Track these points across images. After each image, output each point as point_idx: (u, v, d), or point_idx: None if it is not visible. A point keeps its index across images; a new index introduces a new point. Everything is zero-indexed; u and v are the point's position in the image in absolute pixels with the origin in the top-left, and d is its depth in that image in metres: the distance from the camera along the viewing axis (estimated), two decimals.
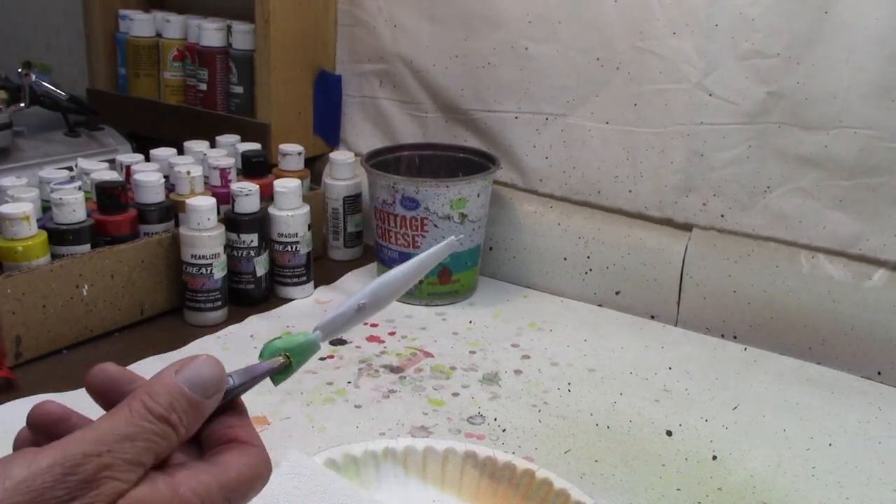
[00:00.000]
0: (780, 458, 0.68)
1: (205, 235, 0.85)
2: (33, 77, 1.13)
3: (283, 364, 0.42)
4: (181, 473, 0.36)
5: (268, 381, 0.42)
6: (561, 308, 0.94)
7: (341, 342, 0.84)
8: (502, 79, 0.98)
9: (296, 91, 1.10)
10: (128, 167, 0.95)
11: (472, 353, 0.83)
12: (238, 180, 0.96)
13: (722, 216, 0.89)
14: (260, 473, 0.39)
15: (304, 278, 0.94)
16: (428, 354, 0.82)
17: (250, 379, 0.41)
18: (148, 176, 0.89)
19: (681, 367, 0.82)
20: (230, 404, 0.40)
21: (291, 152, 1.02)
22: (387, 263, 0.94)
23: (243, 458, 0.38)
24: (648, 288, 0.92)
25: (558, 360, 0.82)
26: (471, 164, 0.98)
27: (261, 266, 0.91)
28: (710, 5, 0.84)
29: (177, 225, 0.89)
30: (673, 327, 0.90)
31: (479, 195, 0.91)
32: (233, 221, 0.89)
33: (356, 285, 0.97)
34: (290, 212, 0.91)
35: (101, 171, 0.92)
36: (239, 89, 1.12)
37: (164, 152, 0.99)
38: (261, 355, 0.42)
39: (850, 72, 0.79)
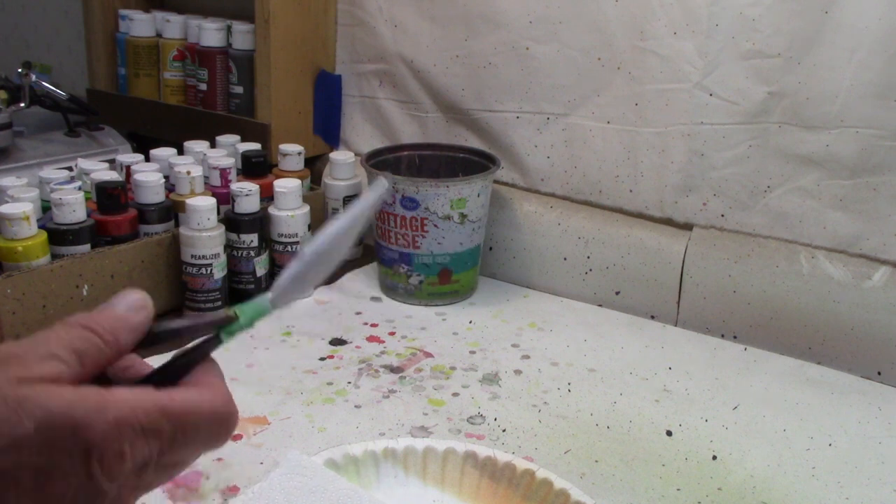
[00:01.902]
0: (780, 458, 0.68)
1: (205, 235, 0.85)
2: (33, 77, 1.13)
3: (228, 317, 0.42)
4: (118, 388, 0.36)
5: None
6: (561, 308, 0.94)
7: (341, 342, 0.84)
8: (503, 79, 0.98)
9: (296, 91, 1.10)
10: (128, 167, 0.95)
11: (472, 353, 0.83)
12: (238, 180, 0.96)
13: (722, 216, 0.89)
14: (214, 409, 0.38)
15: None
16: (428, 354, 0.82)
17: (194, 325, 0.41)
18: (148, 176, 0.89)
19: (681, 367, 0.82)
20: (202, 359, 0.40)
21: (291, 152, 1.02)
22: (387, 264, 0.94)
23: (193, 391, 0.38)
24: (648, 288, 0.92)
25: (558, 360, 0.82)
26: (471, 164, 0.98)
27: (261, 266, 0.91)
28: (711, 5, 0.84)
29: (177, 225, 0.89)
30: (673, 327, 0.90)
31: (479, 195, 0.91)
32: (233, 221, 0.89)
33: (356, 285, 0.97)
34: (290, 212, 0.91)
35: (101, 171, 0.92)
36: (239, 89, 1.12)
37: (164, 152, 0.99)
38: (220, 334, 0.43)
39: (852, 71, 0.79)
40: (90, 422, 0.34)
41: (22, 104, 1.13)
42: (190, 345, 0.41)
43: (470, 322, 0.90)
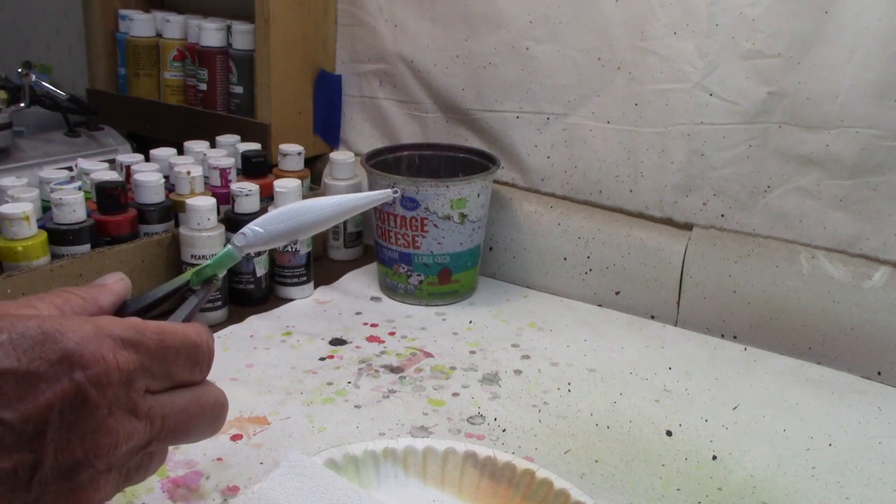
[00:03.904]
0: (780, 458, 0.68)
1: (205, 235, 0.85)
2: (33, 77, 1.13)
3: (215, 287, 0.47)
4: (95, 317, 0.38)
5: None
6: (561, 308, 0.94)
7: (341, 342, 0.84)
8: (503, 79, 0.98)
9: (296, 91, 1.10)
10: (128, 167, 0.95)
11: (472, 353, 0.83)
12: (238, 180, 0.96)
13: (722, 216, 0.89)
14: (187, 334, 0.40)
15: (305, 278, 0.94)
16: (428, 354, 0.82)
17: (193, 310, 0.45)
18: (148, 176, 0.89)
19: (681, 367, 0.82)
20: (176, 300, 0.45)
21: (291, 152, 1.02)
22: (387, 264, 0.94)
23: (165, 322, 0.40)
24: (648, 288, 0.92)
25: (558, 360, 0.82)
26: (471, 164, 0.98)
27: (261, 266, 0.91)
28: (711, 5, 0.84)
29: (177, 225, 0.89)
30: (673, 327, 0.90)
31: (479, 195, 0.91)
32: (233, 221, 0.89)
33: (356, 285, 0.97)
34: None
35: (101, 171, 0.92)
36: (239, 89, 1.12)
37: (164, 152, 0.99)
38: (191, 281, 0.46)
39: (852, 71, 0.79)
40: (66, 331, 0.35)
41: (22, 104, 1.13)
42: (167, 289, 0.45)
43: (470, 322, 0.90)
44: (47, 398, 0.34)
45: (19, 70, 1.13)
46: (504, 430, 0.70)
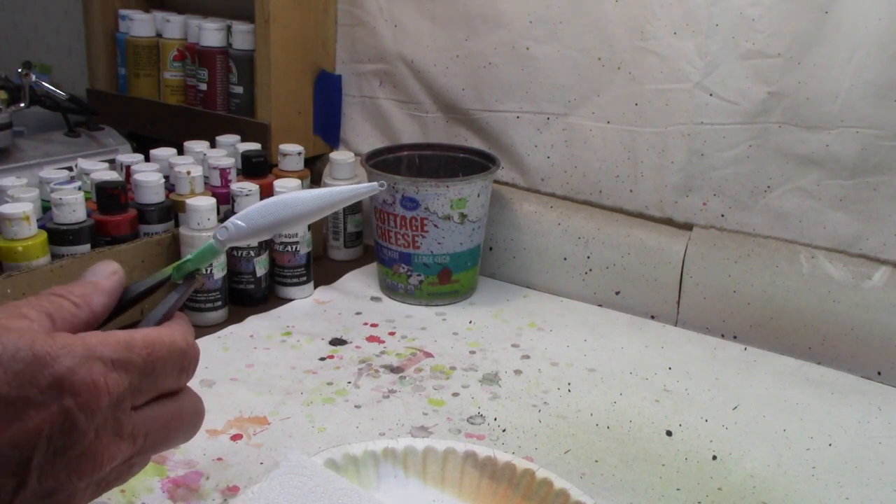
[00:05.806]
0: (780, 458, 0.68)
1: (205, 235, 0.85)
2: (33, 77, 1.13)
3: (199, 283, 0.47)
4: (85, 333, 0.37)
5: None
6: (561, 308, 0.94)
7: (341, 342, 0.84)
8: (504, 79, 0.98)
9: (296, 91, 1.10)
10: (128, 167, 0.95)
11: (472, 353, 0.83)
12: (238, 180, 0.96)
13: (722, 216, 0.89)
14: (174, 341, 0.40)
15: (304, 278, 0.94)
16: (428, 354, 0.82)
17: (173, 306, 0.45)
18: (148, 176, 0.89)
19: (681, 367, 0.82)
20: (152, 292, 0.46)
21: (291, 152, 1.02)
22: (387, 264, 0.94)
23: (152, 329, 0.40)
24: (648, 288, 0.92)
25: (558, 360, 0.82)
26: (471, 164, 0.98)
27: (261, 266, 0.91)
28: (711, 5, 0.84)
29: (177, 225, 0.89)
30: (673, 327, 0.90)
31: (479, 195, 0.91)
32: None
33: (356, 285, 0.97)
34: None
35: (101, 171, 0.92)
36: (239, 89, 1.12)
37: (164, 152, 0.99)
38: (172, 276, 0.47)
39: (852, 71, 0.79)
40: (57, 355, 0.34)
41: (22, 104, 1.13)
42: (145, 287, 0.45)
43: (470, 322, 0.90)
44: (36, 424, 0.33)
45: (19, 70, 1.13)
46: (504, 430, 0.70)
